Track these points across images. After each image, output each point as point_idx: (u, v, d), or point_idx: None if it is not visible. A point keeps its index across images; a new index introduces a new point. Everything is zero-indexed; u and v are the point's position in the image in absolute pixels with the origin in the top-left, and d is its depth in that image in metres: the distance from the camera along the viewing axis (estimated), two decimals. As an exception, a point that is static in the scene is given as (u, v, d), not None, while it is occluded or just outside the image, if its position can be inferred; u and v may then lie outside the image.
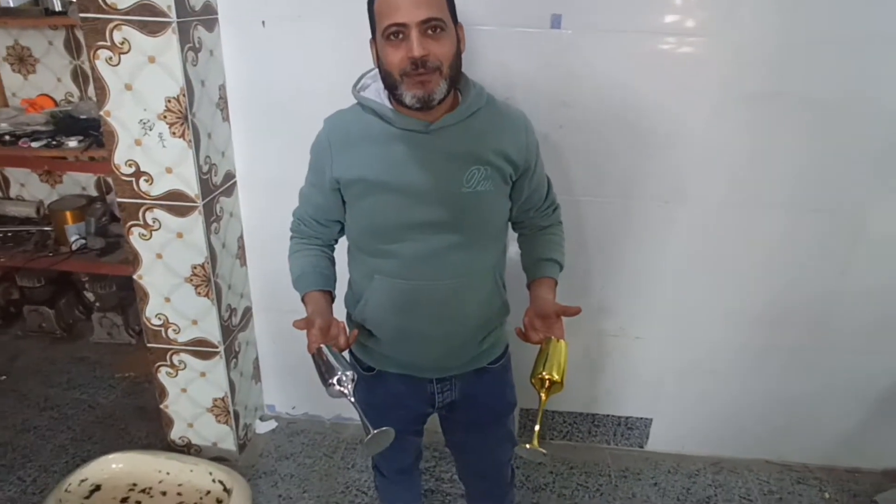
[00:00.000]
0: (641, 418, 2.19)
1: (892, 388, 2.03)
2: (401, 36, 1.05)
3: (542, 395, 1.09)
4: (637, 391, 2.15)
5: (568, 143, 1.76)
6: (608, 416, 2.20)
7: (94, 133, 2.20)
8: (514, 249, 1.39)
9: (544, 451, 1.04)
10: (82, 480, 1.81)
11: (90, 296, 2.82)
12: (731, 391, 2.10)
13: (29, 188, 2.75)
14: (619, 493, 2.05)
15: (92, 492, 1.81)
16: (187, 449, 2.11)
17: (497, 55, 1.67)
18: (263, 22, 1.69)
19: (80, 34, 2.38)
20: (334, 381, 1.07)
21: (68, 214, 2.44)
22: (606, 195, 1.83)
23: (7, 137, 2.29)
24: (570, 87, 1.69)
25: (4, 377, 2.51)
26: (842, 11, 1.56)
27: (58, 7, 2.12)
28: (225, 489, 1.82)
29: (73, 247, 2.42)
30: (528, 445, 1.04)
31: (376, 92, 1.18)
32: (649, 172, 1.79)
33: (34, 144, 2.24)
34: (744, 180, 1.78)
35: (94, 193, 2.70)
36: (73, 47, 2.45)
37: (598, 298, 1.99)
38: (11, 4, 2.14)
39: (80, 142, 2.24)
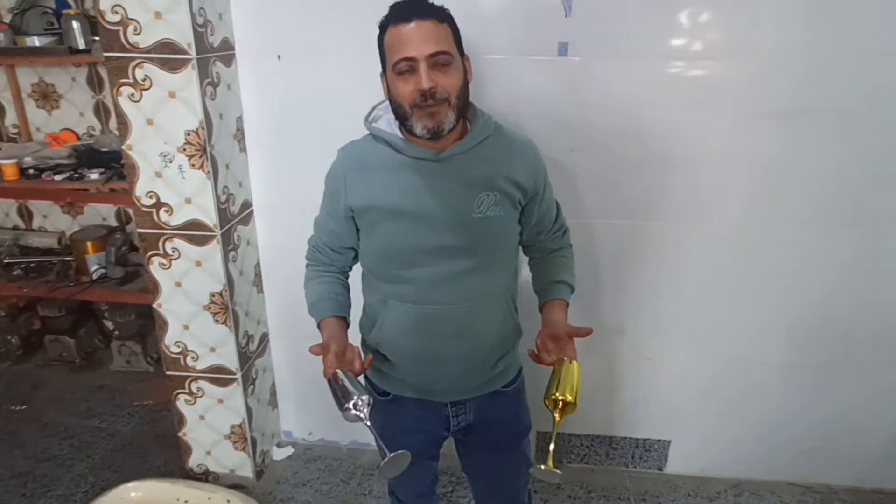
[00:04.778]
0: (660, 440, 2.17)
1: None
2: (410, 70, 1.09)
3: (556, 415, 1.10)
4: (654, 413, 2.13)
5: (579, 166, 1.79)
6: (626, 438, 2.18)
7: (116, 165, 2.26)
8: (525, 273, 1.40)
9: (559, 471, 1.04)
10: (102, 509, 1.83)
11: (109, 324, 2.86)
12: (751, 412, 2.08)
13: (51, 219, 2.81)
14: (638, 518, 2.03)
15: (112, 520, 1.83)
16: (205, 476, 2.12)
17: (507, 83, 1.71)
18: (279, 56, 1.75)
19: (102, 70, 2.47)
20: (350, 405, 1.08)
21: (89, 245, 2.50)
22: (618, 216, 1.84)
23: (31, 171, 2.36)
24: (580, 111, 1.72)
25: (25, 406, 2.54)
26: (856, 25, 1.57)
27: (81, 45, 2.20)
28: (242, 516, 1.83)
29: (94, 276, 2.48)
30: (542, 466, 1.05)
31: (387, 123, 1.22)
32: (661, 193, 1.80)
33: (57, 177, 2.31)
34: (763, 197, 1.78)
35: (115, 224, 2.76)
36: (95, 83, 2.53)
37: (611, 320, 1.99)
38: (37, 44, 2.22)
39: (101, 174, 2.31)
